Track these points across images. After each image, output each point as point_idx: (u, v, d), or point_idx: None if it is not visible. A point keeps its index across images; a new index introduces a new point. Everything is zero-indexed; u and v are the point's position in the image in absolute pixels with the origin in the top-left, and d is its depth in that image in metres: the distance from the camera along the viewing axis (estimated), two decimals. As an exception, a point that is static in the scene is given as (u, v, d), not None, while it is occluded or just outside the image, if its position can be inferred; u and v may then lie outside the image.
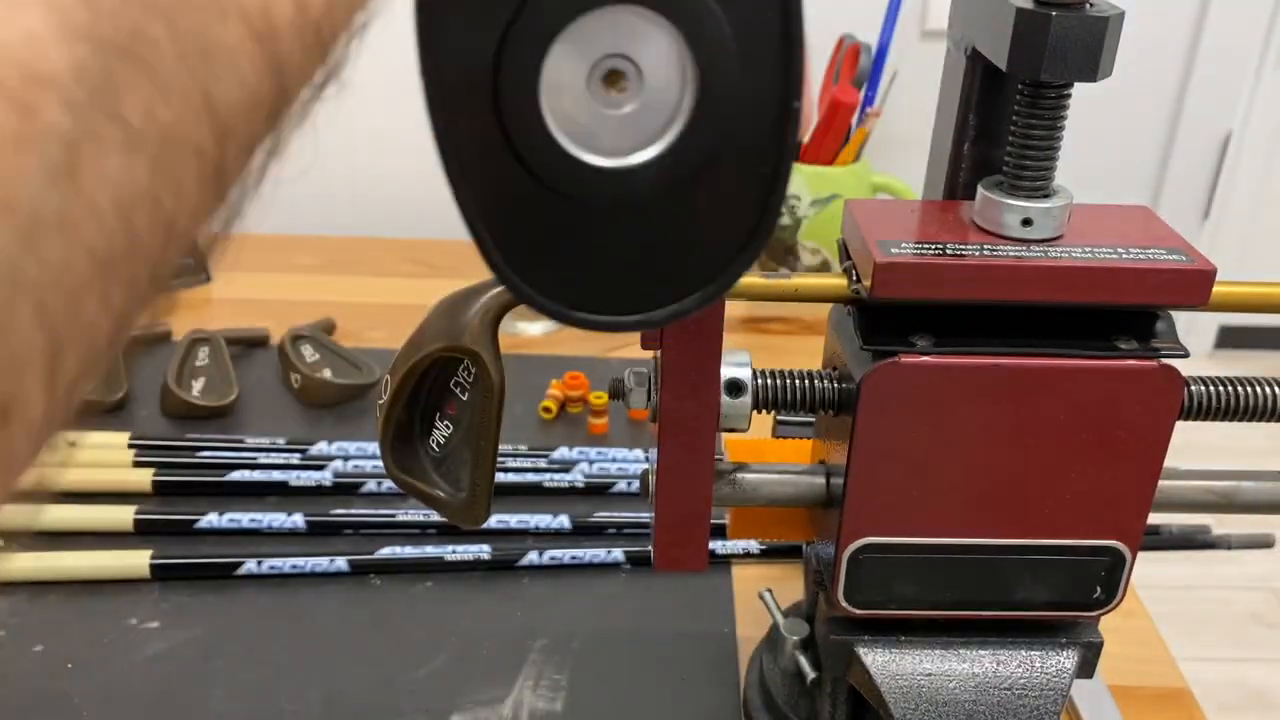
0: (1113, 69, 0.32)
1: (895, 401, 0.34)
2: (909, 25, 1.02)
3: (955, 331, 0.34)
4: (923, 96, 0.50)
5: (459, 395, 0.37)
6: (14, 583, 0.58)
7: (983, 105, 0.38)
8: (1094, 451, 0.35)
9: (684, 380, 0.34)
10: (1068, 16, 0.31)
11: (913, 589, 0.37)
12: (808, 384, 0.37)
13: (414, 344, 0.36)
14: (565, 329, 0.88)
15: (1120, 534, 0.36)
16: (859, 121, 0.91)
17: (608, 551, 0.61)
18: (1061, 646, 0.39)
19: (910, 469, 0.35)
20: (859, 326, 0.35)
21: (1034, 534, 0.36)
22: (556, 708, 0.52)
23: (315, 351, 0.78)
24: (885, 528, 0.36)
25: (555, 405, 0.74)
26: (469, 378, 0.37)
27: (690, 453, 0.35)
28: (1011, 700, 0.38)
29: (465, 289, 0.37)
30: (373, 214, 1.12)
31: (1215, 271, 0.33)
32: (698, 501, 0.36)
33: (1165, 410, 0.34)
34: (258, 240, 1.06)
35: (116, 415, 0.74)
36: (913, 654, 0.39)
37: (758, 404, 0.36)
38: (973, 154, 0.38)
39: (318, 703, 0.51)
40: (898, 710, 0.38)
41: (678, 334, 0.33)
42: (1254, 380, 0.37)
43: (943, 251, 0.33)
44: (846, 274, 0.36)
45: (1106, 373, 0.34)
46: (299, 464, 0.67)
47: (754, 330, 0.90)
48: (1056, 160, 0.35)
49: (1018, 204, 0.34)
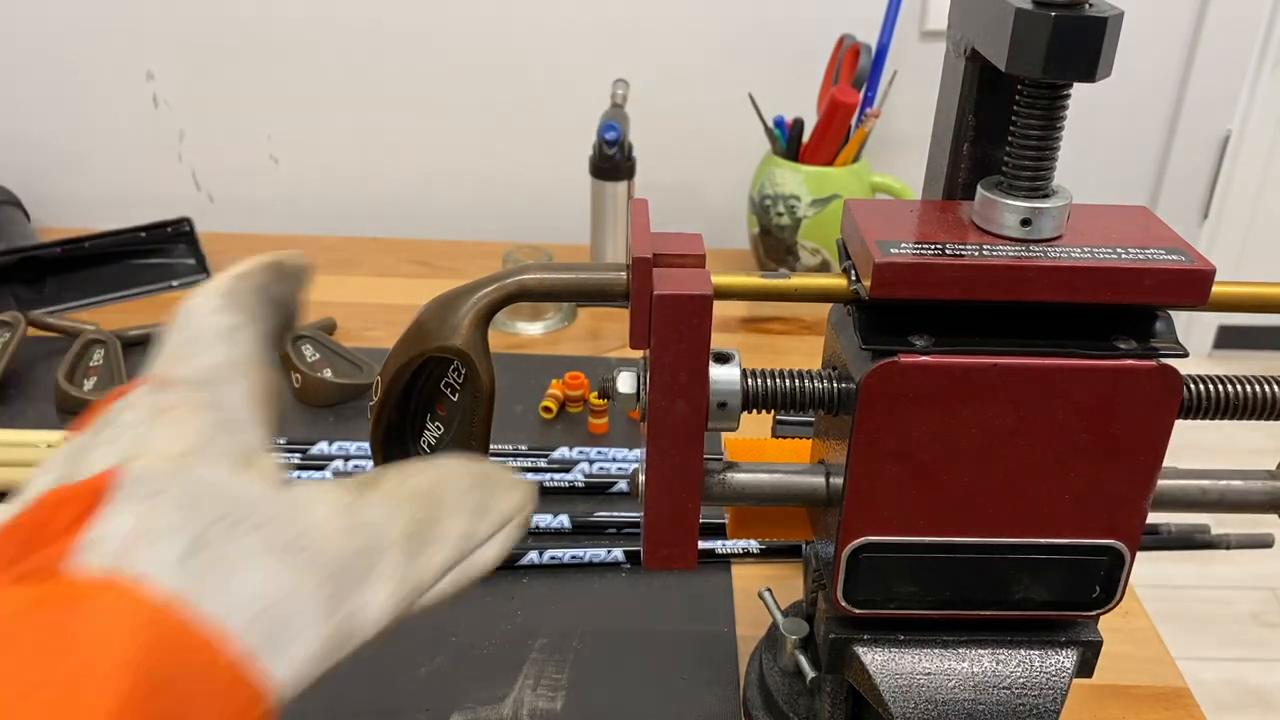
0: (1112, 69, 0.32)
1: (895, 401, 0.34)
2: (909, 25, 1.02)
3: (955, 331, 0.34)
4: (922, 96, 0.51)
5: (449, 396, 0.37)
6: (14, 582, 0.58)
7: (982, 105, 0.38)
8: (1093, 451, 0.35)
9: (673, 379, 0.34)
10: (1067, 16, 0.31)
11: (912, 588, 0.37)
12: (797, 384, 0.37)
13: (404, 344, 0.36)
14: (565, 329, 0.88)
15: (1119, 534, 0.36)
16: (859, 122, 0.91)
17: (608, 551, 0.61)
18: (1061, 646, 0.39)
19: (910, 468, 0.35)
20: (859, 326, 0.35)
21: (1033, 534, 0.36)
22: (556, 707, 0.52)
23: (315, 351, 0.78)
24: (885, 527, 0.36)
25: (555, 405, 0.74)
26: (459, 378, 0.37)
27: (679, 452, 0.35)
28: (1011, 700, 0.38)
29: (455, 289, 0.37)
30: (373, 214, 1.12)
31: (1214, 271, 0.33)
32: (687, 500, 0.36)
33: (1164, 410, 0.34)
34: (258, 240, 1.06)
35: (117, 415, 0.74)
36: (912, 653, 0.39)
37: (747, 404, 0.36)
38: (972, 154, 0.39)
39: (318, 702, 0.51)
40: (897, 710, 0.38)
41: (666, 333, 0.33)
42: (1253, 379, 0.37)
43: (942, 251, 0.33)
44: (846, 274, 0.36)
45: (1106, 372, 0.34)
46: (299, 464, 0.67)
47: (753, 330, 0.90)
48: (1056, 160, 0.35)
49: (1017, 204, 0.34)
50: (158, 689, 0.23)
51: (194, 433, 0.28)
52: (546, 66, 1.05)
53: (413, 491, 0.30)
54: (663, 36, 1.04)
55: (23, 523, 0.26)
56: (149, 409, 0.28)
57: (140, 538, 0.25)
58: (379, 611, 0.28)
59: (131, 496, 0.26)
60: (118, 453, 0.27)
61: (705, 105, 1.06)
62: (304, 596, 0.27)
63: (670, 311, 0.33)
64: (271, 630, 0.26)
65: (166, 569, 0.25)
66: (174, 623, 0.24)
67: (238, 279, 0.34)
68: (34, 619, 0.24)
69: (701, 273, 0.34)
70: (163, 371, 0.30)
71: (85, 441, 0.29)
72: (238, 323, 0.32)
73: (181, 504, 0.26)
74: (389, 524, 0.29)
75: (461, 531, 0.30)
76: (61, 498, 0.26)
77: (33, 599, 0.24)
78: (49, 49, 1.05)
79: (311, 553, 0.27)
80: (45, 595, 0.24)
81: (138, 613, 0.24)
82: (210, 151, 1.10)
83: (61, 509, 0.26)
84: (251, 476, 0.28)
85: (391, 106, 1.07)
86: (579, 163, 0.92)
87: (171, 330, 0.32)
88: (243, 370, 0.31)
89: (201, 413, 0.29)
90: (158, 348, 0.31)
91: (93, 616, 0.24)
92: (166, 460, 0.27)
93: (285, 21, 1.03)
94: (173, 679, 0.24)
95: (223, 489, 0.27)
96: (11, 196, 1.02)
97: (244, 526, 0.27)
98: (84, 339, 0.79)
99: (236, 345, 0.31)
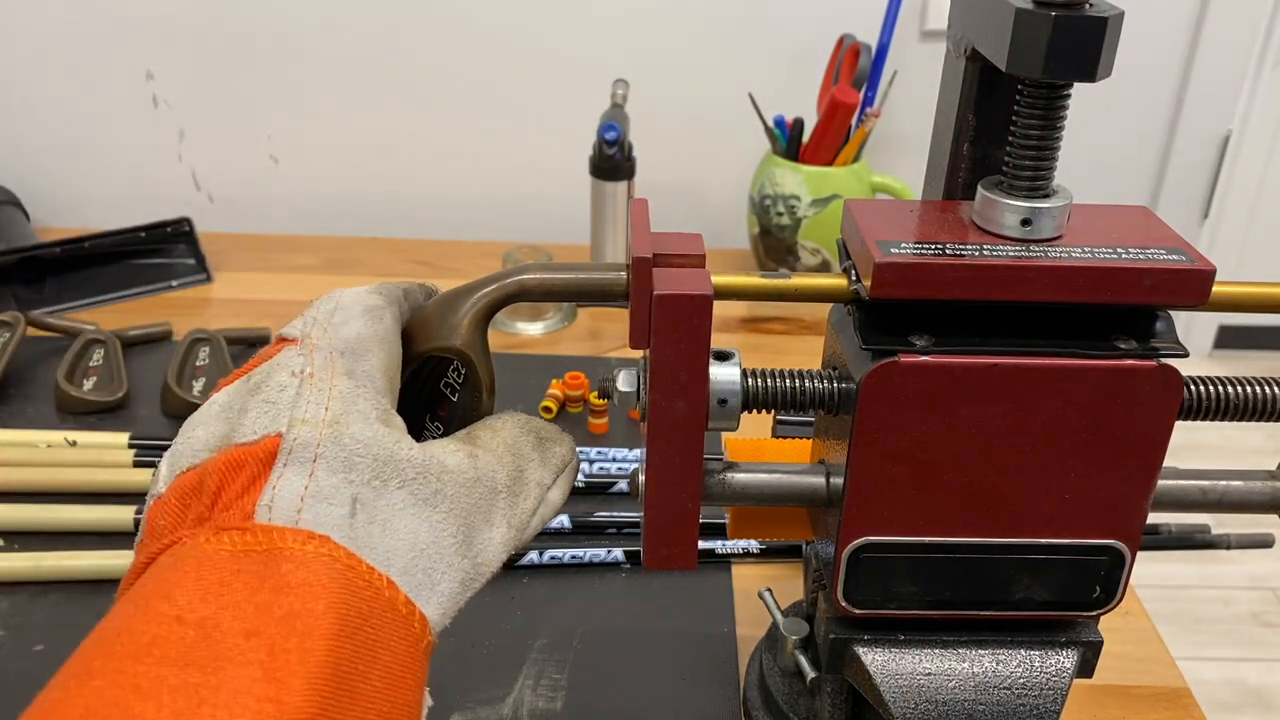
0: (1112, 69, 0.32)
1: (895, 401, 0.34)
2: (909, 25, 1.02)
3: (955, 331, 0.34)
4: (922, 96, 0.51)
5: (449, 396, 0.37)
6: (14, 583, 0.58)
7: (982, 105, 0.38)
8: (1093, 451, 0.35)
9: (673, 379, 0.34)
10: (1067, 16, 0.31)
11: (912, 588, 0.37)
12: (797, 384, 0.37)
13: (404, 344, 0.36)
14: (565, 329, 0.88)
15: (1120, 534, 0.36)
16: (859, 122, 0.91)
17: (608, 551, 0.61)
18: (1061, 646, 0.39)
19: (910, 468, 0.35)
20: (859, 326, 0.35)
21: (1034, 534, 0.36)
22: (556, 707, 0.52)
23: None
24: (885, 527, 0.36)
25: (555, 405, 0.74)
26: (459, 378, 0.37)
27: (679, 452, 0.35)
28: (1011, 700, 0.38)
29: (455, 289, 0.37)
30: (373, 214, 1.12)
31: (1214, 271, 0.33)
32: (687, 500, 0.36)
33: (1165, 410, 0.34)
34: (258, 240, 1.06)
35: (116, 415, 0.74)
36: (912, 654, 0.39)
37: (747, 403, 0.36)
38: (972, 154, 0.38)
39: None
40: (897, 710, 0.38)
41: (666, 333, 0.33)
42: (1253, 380, 0.37)
43: (942, 251, 0.33)
44: (846, 274, 0.36)
45: (1106, 372, 0.34)
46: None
47: (754, 330, 0.90)
48: (1056, 160, 0.35)
49: (1017, 204, 0.34)
50: (357, 628, 0.27)
51: (339, 398, 0.31)
52: (546, 66, 1.05)
53: (505, 445, 0.35)
54: (663, 36, 1.04)
55: (203, 480, 0.29)
56: (296, 373, 0.32)
57: (311, 499, 0.29)
58: (498, 550, 0.33)
59: (295, 461, 0.29)
60: (273, 417, 0.30)
61: (705, 105, 1.06)
62: (445, 542, 0.31)
63: (670, 311, 0.33)
64: (422, 574, 0.30)
65: (338, 526, 0.29)
66: (361, 569, 0.28)
67: (386, 281, 0.37)
68: (246, 564, 0.27)
69: (701, 273, 0.34)
70: (304, 334, 0.33)
71: (239, 401, 0.32)
72: (382, 305, 0.35)
73: (339, 468, 0.29)
74: (498, 473, 0.33)
75: (538, 479, 0.35)
76: (234, 460, 0.30)
77: (239, 546, 0.27)
78: (49, 49, 1.05)
79: (450, 502, 0.31)
80: (250, 544, 0.27)
81: (335, 561, 0.28)
82: (210, 152, 1.10)
83: (238, 470, 0.29)
84: (394, 434, 0.31)
85: (391, 106, 1.07)
86: (579, 163, 0.92)
87: (319, 301, 0.35)
88: (381, 344, 0.34)
89: (343, 378, 0.32)
90: (303, 313, 0.35)
91: (299, 565, 0.27)
92: (319, 427, 0.30)
93: (285, 22, 1.03)
94: (366, 618, 0.27)
95: (371, 449, 0.30)
96: (11, 196, 1.02)
97: (393, 483, 0.30)
98: (84, 339, 0.79)
99: (378, 322, 0.35)
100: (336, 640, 0.26)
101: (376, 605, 0.28)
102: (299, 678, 0.24)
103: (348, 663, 0.26)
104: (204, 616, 0.25)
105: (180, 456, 0.31)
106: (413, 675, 0.28)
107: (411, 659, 0.28)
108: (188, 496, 0.30)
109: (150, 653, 0.24)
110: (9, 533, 0.62)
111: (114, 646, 0.25)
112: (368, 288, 0.36)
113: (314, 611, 0.26)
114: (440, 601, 0.30)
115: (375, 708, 0.26)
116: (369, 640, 0.27)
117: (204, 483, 0.30)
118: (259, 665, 0.24)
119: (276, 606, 0.26)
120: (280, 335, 0.34)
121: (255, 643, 0.25)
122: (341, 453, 0.30)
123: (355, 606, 0.27)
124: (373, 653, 0.27)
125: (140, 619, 0.25)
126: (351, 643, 0.26)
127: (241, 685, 0.24)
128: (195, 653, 0.24)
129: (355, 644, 0.26)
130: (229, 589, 0.26)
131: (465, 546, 0.31)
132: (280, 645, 0.25)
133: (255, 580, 0.26)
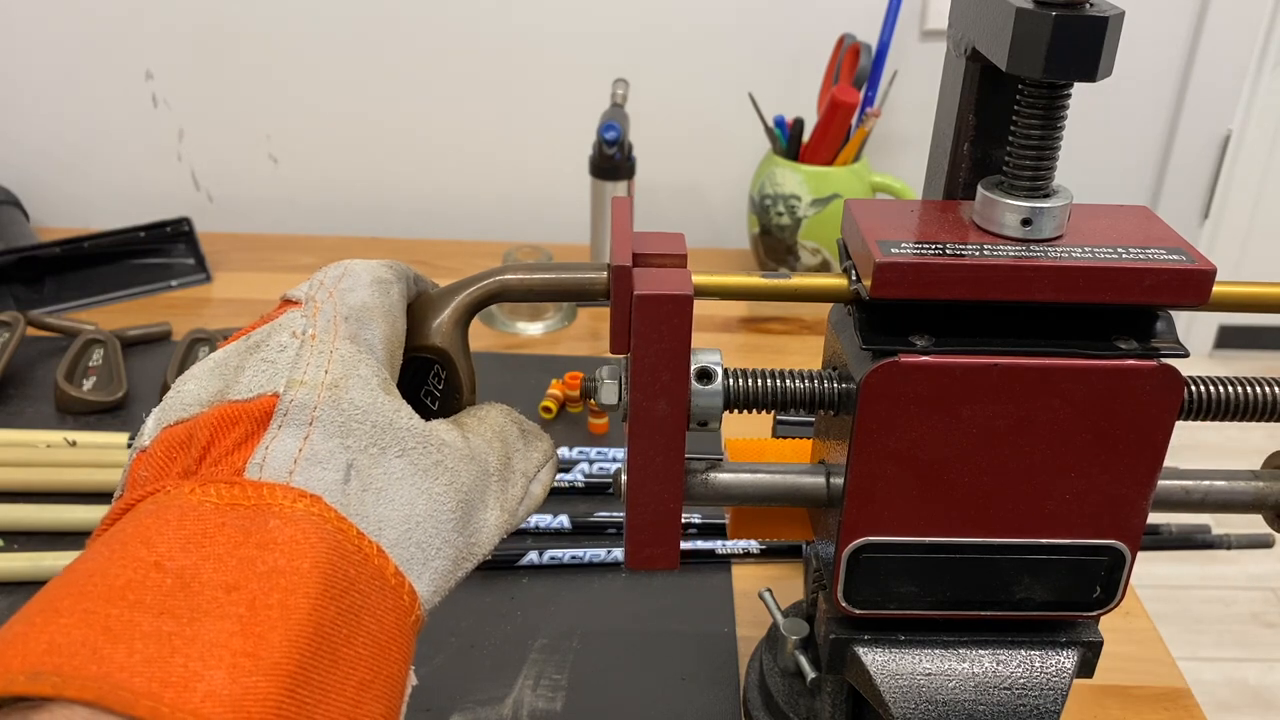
0: (1113, 69, 0.32)
1: (895, 401, 0.34)
2: (909, 25, 1.02)
3: (955, 331, 0.34)
4: (922, 96, 0.51)
5: (429, 406, 0.37)
6: (14, 583, 0.58)
7: (982, 105, 0.38)
8: (1094, 451, 0.35)
9: (653, 379, 0.34)
10: (1067, 16, 0.31)
11: (912, 589, 0.37)
12: (797, 384, 0.36)
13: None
14: (565, 329, 0.88)
15: (1120, 534, 0.36)
16: (859, 121, 0.91)
17: (607, 551, 0.61)
18: (1061, 646, 0.39)
19: (910, 468, 0.35)
20: (859, 326, 0.35)
21: (1034, 534, 0.36)
22: (556, 707, 0.52)
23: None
24: (885, 527, 0.36)
25: (555, 405, 0.74)
26: (439, 385, 0.36)
27: (660, 451, 0.35)
28: (1011, 700, 0.38)
29: (438, 290, 0.36)
30: (373, 214, 1.12)
31: (1215, 271, 0.33)
32: (668, 500, 0.36)
33: (1165, 410, 0.34)
34: (258, 240, 1.06)
35: (116, 415, 0.74)
36: (912, 654, 0.39)
37: (728, 403, 0.36)
38: (972, 154, 0.38)
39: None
40: (897, 710, 0.38)
41: (647, 333, 0.33)
42: (1253, 380, 0.37)
43: (942, 251, 0.33)
44: (846, 274, 0.36)
45: (1106, 372, 0.34)
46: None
47: (754, 330, 0.90)
48: (1056, 160, 0.35)
49: (1017, 204, 0.34)
50: (342, 590, 0.26)
51: (340, 361, 0.30)
52: (546, 66, 1.05)
53: (493, 430, 0.34)
54: (663, 36, 1.04)
55: (193, 435, 0.29)
56: (297, 334, 0.31)
57: (305, 461, 0.28)
58: (492, 532, 0.32)
59: (291, 423, 0.28)
60: (270, 376, 0.30)
61: (705, 105, 1.06)
62: (443, 517, 0.30)
63: (650, 311, 0.33)
64: (416, 548, 0.29)
65: (330, 490, 0.28)
66: (351, 533, 0.27)
67: (396, 260, 0.37)
68: (232, 517, 0.26)
69: (682, 273, 0.34)
70: (309, 296, 0.33)
71: (237, 359, 0.31)
72: (390, 279, 0.35)
73: (335, 432, 0.29)
74: (489, 455, 0.33)
75: (523, 468, 0.35)
76: (227, 415, 0.29)
77: (227, 499, 0.26)
78: (49, 49, 1.05)
79: (450, 474, 0.31)
80: (238, 498, 0.27)
81: (325, 522, 0.27)
82: (209, 151, 1.10)
83: (231, 427, 0.29)
84: (394, 402, 0.31)
85: (391, 106, 1.07)
86: (579, 163, 0.92)
87: (328, 267, 0.35)
88: (385, 316, 0.33)
89: (345, 343, 0.31)
90: (310, 279, 0.34)
91: (287, 521, 0.26)
92: (318, 390, 0.29)
93: (285, 21, 1.03)
94: (353, 581, 0.27)
95: (370, 415, 0.30)
96: (11, 196, 1.02)
97: (391, 451, 0.30)
98: (83, 339, 0.79)
99: (385, 295, 0.34)
100: (321, 600, 0.25)
101: (365, 571, 0.27)
102: (279, 633, 0.24)
103: (330, 624, 0.25)
104: (184, 566, 0.24)
105: (169, 410, 0.30)
106: (398, 648, 0.27)
107: (398, 631, 0.28)
108: (174, 450, 0.29)
109: (124, 596, 0.23)
110: (9, 533, 0.62)
111: (85, 586, 0.24)
112: (379, 261, 0.35)
113: (299, 569, 0.25)
114: (432, 578, 0.30)
115: (356, 674, 0.25)
116: (354, 605, 0.26)
117: (193, 437, 0.29)
118: (237, 619, 0.24)
119: (260, 562, 0.25)
120: (284, 297, 0.34)
121: (236, 596, 0.24)
122: (339, 417, 0.29)
123: (342, 569, 0.26)
124: (357, 618, 0.26)
125: (115, 562, 0.24)
126: (336, 605, 0.25)
127: (218, 638, 0.23)
128: (172, 601, 0.24)
129: (340, 607, 0.26)
130: (212, 540, 0.25)
131: (462, 524, 0.31)
132: (261, 600, 0.24)
133: (240, 534, 0.25)
